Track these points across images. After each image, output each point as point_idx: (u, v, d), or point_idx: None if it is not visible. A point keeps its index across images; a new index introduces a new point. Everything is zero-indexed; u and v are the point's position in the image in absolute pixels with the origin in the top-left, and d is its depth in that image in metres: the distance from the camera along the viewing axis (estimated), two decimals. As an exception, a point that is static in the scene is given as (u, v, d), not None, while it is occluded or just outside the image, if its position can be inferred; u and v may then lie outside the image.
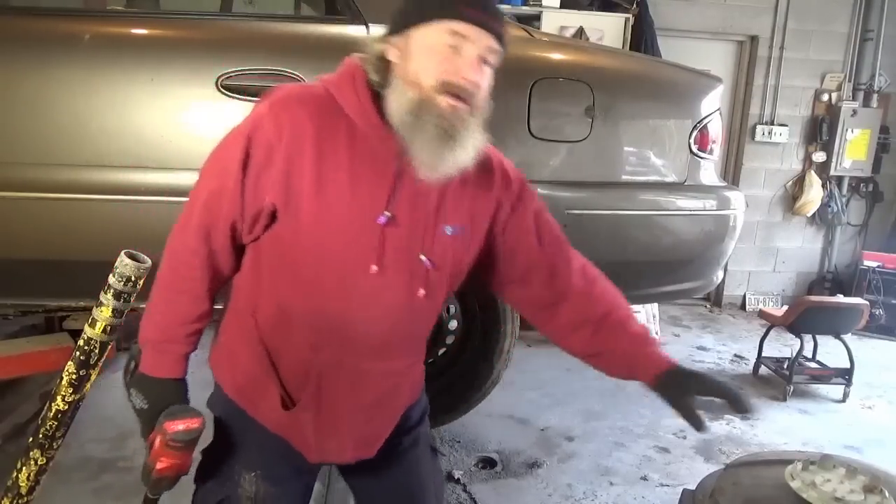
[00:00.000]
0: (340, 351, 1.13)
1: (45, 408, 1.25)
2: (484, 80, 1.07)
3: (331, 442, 1.19)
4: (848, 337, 3.61)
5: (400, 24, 1.07)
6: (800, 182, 5.18)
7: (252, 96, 1.97)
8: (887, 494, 1.18)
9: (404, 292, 1.12)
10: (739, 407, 1.15)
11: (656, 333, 4.16)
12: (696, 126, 2.38)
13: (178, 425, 1.05)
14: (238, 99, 1.98)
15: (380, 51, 1.08)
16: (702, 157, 2.42)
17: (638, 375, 1.22)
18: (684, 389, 1.17)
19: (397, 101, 1.05)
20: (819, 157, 5.14)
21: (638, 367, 1.22)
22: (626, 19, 4.40)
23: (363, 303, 1.10)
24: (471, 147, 1.06)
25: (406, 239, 1.10)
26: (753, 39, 5.04)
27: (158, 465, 1.07)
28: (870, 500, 1.18)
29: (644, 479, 2.61)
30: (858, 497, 1.17)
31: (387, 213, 1.07)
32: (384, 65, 1.08)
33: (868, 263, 4.96)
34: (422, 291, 1.13)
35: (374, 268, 1.08)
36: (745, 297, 5.35)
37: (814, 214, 5.22)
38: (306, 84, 1.13)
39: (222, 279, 1.15)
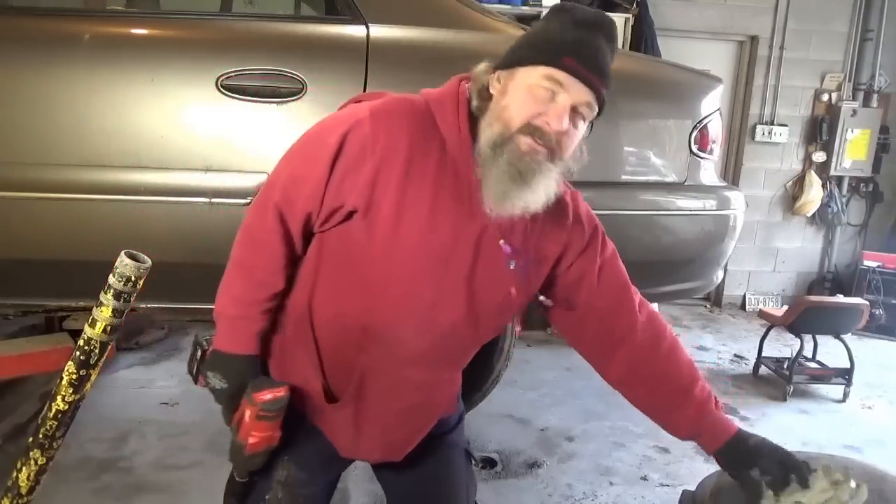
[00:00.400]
0: (386, 356, 1.14)
1: (45, 408, 1.25)
2: (571, 130, 1.07)
3: (362, 441, 1.21)
4: (848, 337, 3.61)
5: (509, 61, 1.08)
6: (800, 182, 5.18)
7: (252, 96, 1.97)
8: (854, 484, 1.20)
9: (467, 315, 1.14)
10: (801, 483, 1.19)
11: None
12: (696, 126, 2.37)
13: (266, 395, 1.06)
14: (238, 99, 1.97)
15: (486, 81, 1.09)
16: (702, 157, 2.42)
17: (698, 441, 1.27)
18: (744, 466, 1.21)
19: (484, 133, 1.07)
20: (819, 157, 5.14)
21: (698, 436, 1.26)
22: (626, 19, 4.40)
23: (422, 316, 1.12)
24: (541, 192, 1.07)
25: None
26: (753, 39, 5.04)
27: (251, 441, 1.07)
28: (839, 491, 1.20)
29: (644, 479, 2.61)
30: (827, 495, 1.19)
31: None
32: (486, 95, 1.09)
33: (868, 263, 4.96)
34: (487, 318, 1.16)
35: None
36: (745, 297, 5.35)
37: (814, 214, 5.22)
38: (408, 97, 1.13)
39: (297, 260, 1.17)
